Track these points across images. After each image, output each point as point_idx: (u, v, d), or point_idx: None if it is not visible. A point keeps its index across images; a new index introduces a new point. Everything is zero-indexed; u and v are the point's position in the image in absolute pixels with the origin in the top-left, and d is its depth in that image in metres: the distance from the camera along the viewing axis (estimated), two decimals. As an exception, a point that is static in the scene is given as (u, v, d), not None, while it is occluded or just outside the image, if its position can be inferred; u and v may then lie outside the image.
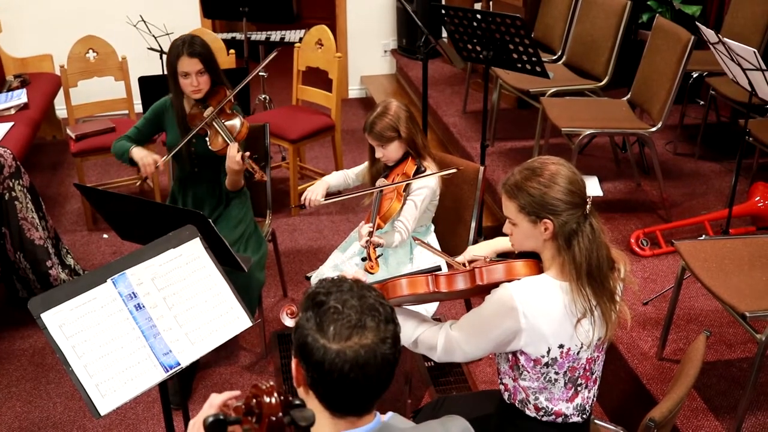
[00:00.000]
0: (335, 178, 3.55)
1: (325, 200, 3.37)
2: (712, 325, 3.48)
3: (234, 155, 3.44)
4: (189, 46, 3.50)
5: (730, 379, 3.18)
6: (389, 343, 1.57)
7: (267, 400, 1.38)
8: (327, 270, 3.43)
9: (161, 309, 2.36)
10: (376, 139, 3.26)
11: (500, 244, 2.60)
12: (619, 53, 4.87)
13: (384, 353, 1.56)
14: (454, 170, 3.28)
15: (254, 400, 1.40)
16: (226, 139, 3.52)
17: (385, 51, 7.47)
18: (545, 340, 2.17)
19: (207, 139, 3.58)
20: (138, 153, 3.65)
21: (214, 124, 3.56)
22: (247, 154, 3.47)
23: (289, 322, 2.31)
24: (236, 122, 3.59)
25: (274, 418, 1.37)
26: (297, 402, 1.39)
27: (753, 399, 2.99)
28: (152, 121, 3.79)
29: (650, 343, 3.39)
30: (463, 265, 2.50)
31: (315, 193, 3.38)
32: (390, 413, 1.72)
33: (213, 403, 1.66)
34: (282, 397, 1.39)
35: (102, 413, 2.20)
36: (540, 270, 2.25)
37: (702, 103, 5.56)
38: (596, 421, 2.63)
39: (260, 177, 3.52)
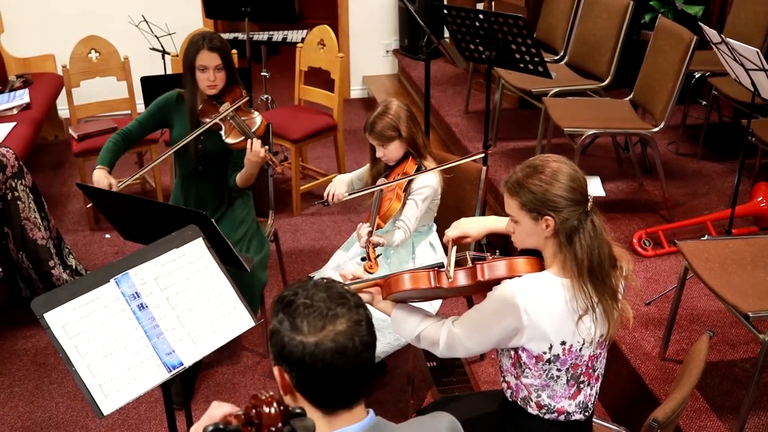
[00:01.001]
0: (348, 178, 3.56)
1: (349, 195, 3.38)
2: (714, 325, 3.48)
3: (258, 149, 3.44)
4: (209, 40, 3.51)
5: (732, 379, 3.18)
6: (364, 325, 1.59)
7: (266, 410, 1.37)
8: (330, 270, 3.43)
9: (164, 309, 2.36)
10: (376, 139, 3.26)
11: (492, 223, 2.58)
12: (622, 53, 4.87)
13: (361, 336, 1.58)
14: (453, 164, 3.28)
15: (254, 411, 1.39)
16: (247, 133, 3.52)
17: (387, 51, 7.47)
18: (546, 336, 2.18)
19: (222, 133, 3.57)
20: (95, 175, 3.53)
21: (234, 120, 3.56)
22: (266, 147, 3.48)
23: None
24: (256, 118, 3.63)
25: (273, 429, 1.36)
26: (297, 411, 1.39)
27: (756, 399, 2.99)
28: (156, 116, 3.75)
29: (653, 344, 3.39)
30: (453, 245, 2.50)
31: (338, 188, 3.40)
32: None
33: (213, 416, 1.66)
34: (282, 407, 1.38)
35: (105, 413, 2.20)
36: (542, 267, 2.26)
37: (704, 103, 5.56)
38: (598, 421, 2.63)
39: (281, 170, 3.61)
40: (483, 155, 3.28)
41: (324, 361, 1.54)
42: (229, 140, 3.56)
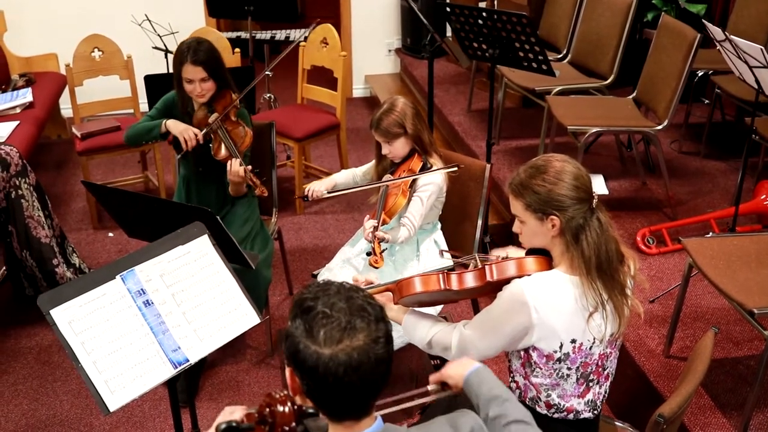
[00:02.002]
0: (343, 177, 3.58)
1: (329, 194, 3.42)
2: (718, 322, 3.48)
3: (237, 170, 3.43)
4: (193, 53, 3.47)
5: (737, 376, 3.18)
6: (382, 342, 1.57)
7: (280, 409, 1.37)
8: (336, 264, 3.44)
9: (170, 305, 2.37)
10: (382, 136, 3.27)
11: None
12: (624, 52, 4.86)
13: (377, 353, 1.55)
14: (455, 167, 3.27)
15: (267, 409, 1.39)
16: (231, 151, 3.50)
17: (390, 50, 7.47)
18: (557, 335, 2.18)
19: (210, 146, 3.57)
20: (176, 125, 3.58)
21: (219, 132, 3.54)
22: (249, 168, 3.46)
23: None
24: (241, 131, 3.58)
25: (287, 428, 1.36)
26: (311, 411, 1.39)
27: (760, 396, 2.99)
28: (163, 113, 3.75)
29: (657, 341, 3.39)
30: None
31: (319, 185, 3.44)
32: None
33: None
34: (295, 407, 1.38)
35: (111, 409, 2.20)
36: (550, 266, 2.26)
37: (707, 102, 5.56)
38: (604, 417, 2.62)
39: (260, 192, 3.52)
40: (455, 167, 3.27)
41: (336, 374, 1.51)
42: (216, 157, 3.57)
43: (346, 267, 3.38)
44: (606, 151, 5.20)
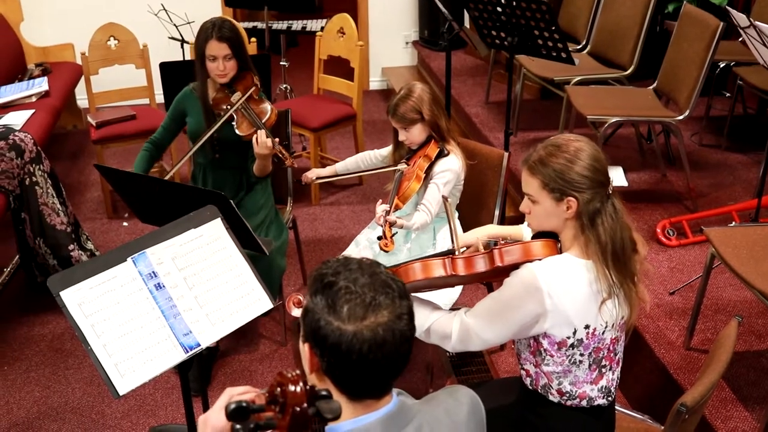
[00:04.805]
0: (353, 161, 3.61)
1: (318, 179, 3.58)
2: (740, 314, 3.39)
3: (265, 140, 3.40)
4: (218, 29, 3.46)
5: (759, 369, 3.12)
6: (405, 319, 1.52)
7: (292, 389, 1.32)
8: (363, 242, 3.45)
9: (181, 289, 2.33)
10: (399, 122, 3.23)
11: (490, 230, 2.55)
12: (644, 44, 4.79)
13: (401, 330, 1.51)
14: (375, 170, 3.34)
15: (278, 389, 1.34)
16: (256, 124, 3.48)
17: (407, 42, 7.42)
18: (570, 321, 2.12)
19: (234, 124, 3.54)
20: None
21: (243, 110, 3.52)
22: (277, 140, 3.44)
23: (297, 313, 2.25)
24: (266, 108, 3.56)
25: (298, 409, 1.31)
26: (323, 392, 1.34)
27: (784, 389, 2.94)
28: (175, 116, 3.75)
29: (677, 333, 3.33)
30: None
31: (313, 170, 3.59)
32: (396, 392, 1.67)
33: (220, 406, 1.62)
34: (307, 387, 1.33)
35: (121, 393, 2.17)
36: (559, 250, 2.20)
37: (728, 95, 5.48)
38: (622, 409, 2.57)
39: (290, 164, 3.52)
40: (404, 166, 3.26)
41: (360, 352, 1.47)
42: (240, 132, 3.53)
43: (369, 248, 3.37)
44: (626, 144, 5.13)
